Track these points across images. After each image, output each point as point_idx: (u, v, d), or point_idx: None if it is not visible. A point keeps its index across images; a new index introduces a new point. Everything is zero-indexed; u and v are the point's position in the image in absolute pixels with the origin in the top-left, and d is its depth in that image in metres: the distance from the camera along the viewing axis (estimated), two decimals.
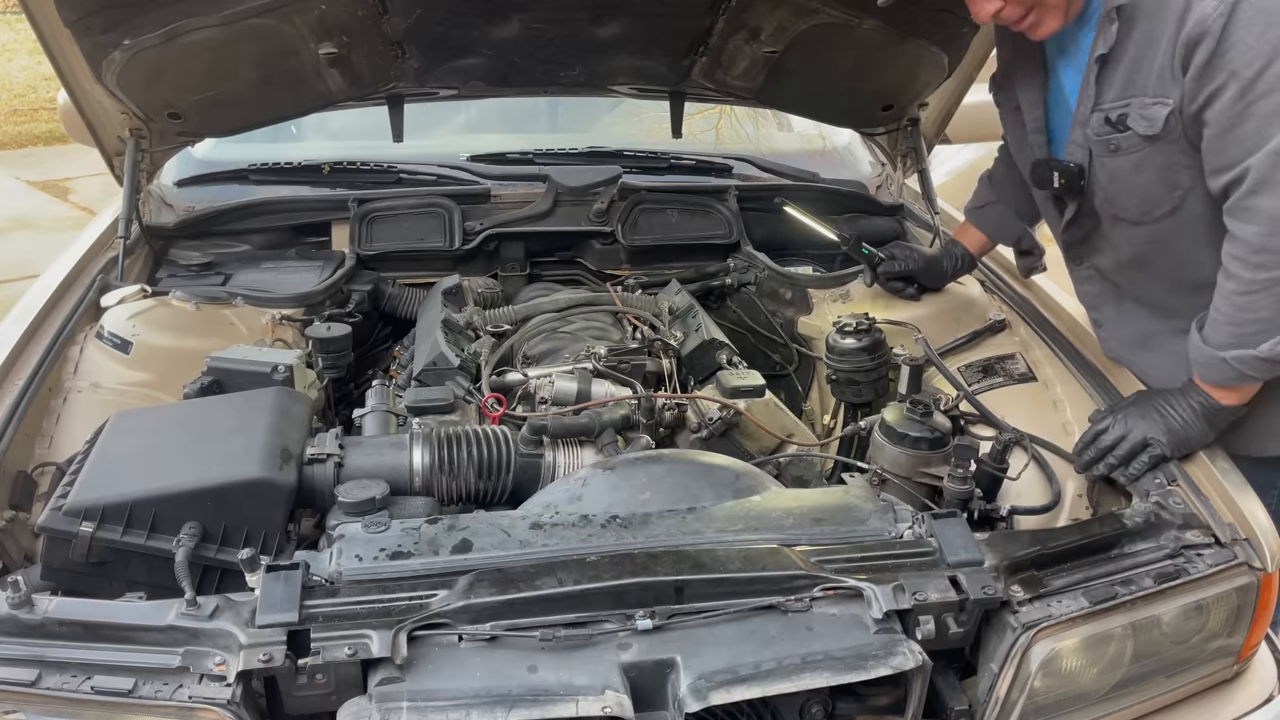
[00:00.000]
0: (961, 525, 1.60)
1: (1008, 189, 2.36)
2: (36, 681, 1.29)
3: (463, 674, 1.33)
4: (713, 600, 1.44)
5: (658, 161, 3.13)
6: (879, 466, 1.93)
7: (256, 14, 2.25)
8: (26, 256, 6.31)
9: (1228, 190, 1.69)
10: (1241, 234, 1.68)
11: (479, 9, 2.43)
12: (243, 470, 1.63)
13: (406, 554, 1.52)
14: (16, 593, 1.35)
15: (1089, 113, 1.82)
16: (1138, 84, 1.75)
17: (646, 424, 2.07)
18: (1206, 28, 1.60)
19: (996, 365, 2.24)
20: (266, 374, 2.01)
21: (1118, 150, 1.81)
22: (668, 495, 1.69)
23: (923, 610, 1.46)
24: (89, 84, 2.35)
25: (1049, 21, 1.80)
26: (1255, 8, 1.57)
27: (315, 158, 3.01)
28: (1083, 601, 1.53)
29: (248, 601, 1.39)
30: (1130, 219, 1.89)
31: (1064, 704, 1.57)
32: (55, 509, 1.58)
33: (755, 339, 2.75)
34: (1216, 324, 1.74)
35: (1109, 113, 1.79)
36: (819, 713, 1.49)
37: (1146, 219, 1.86)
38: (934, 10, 2.44)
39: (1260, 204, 1.64)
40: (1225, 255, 1.71)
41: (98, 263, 2.52)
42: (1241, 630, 1.68)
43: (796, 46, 2.60)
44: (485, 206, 2.88)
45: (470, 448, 1.86)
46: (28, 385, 1.92)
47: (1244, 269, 1.68)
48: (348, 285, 2.63)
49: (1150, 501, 1.74)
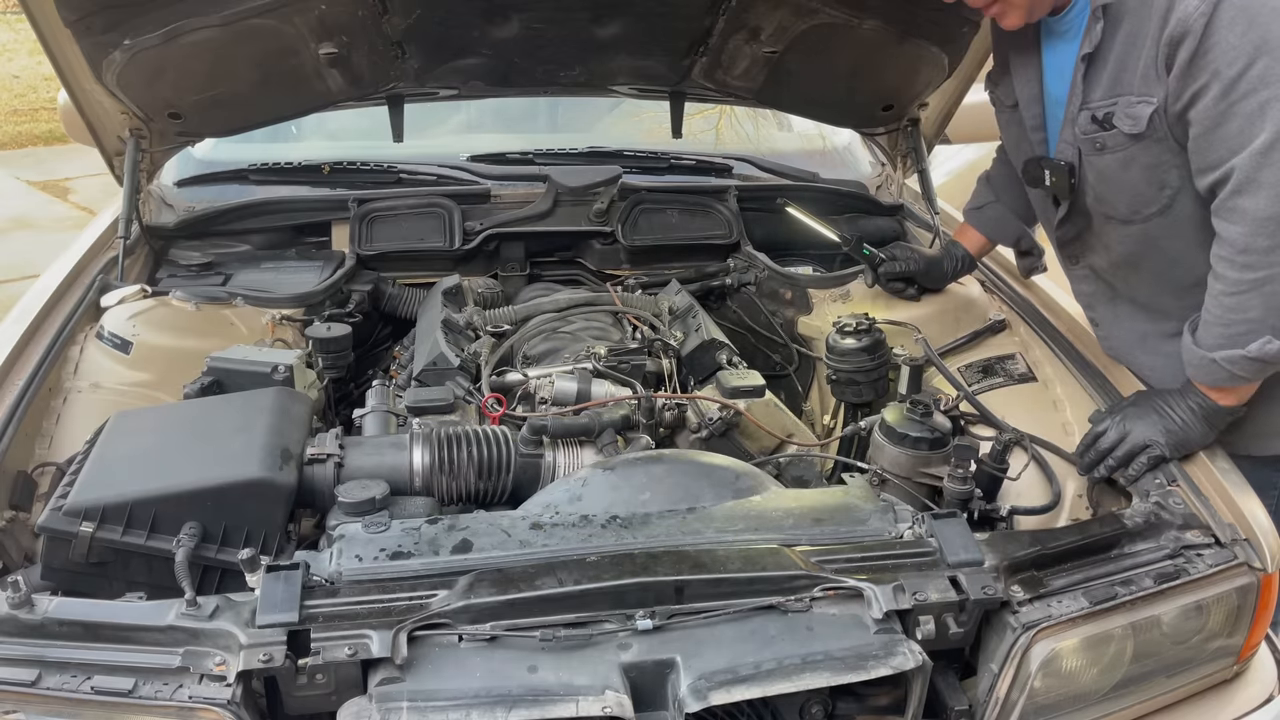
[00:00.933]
0: (961, 525, 1.60)
1: (1006, 189, 2.36)
2: (36, 681, 1.29)
3: (463, 674, 1.33)
4: (713, 600, 1.44)
5: (658, 161, 3.13)
6: (879, 466, 1.93)
7: (256, 14, 2.25)
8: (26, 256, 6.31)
9: (1214, 190, 1.70)
10: (1227, 234, 1.68)
11: (479, 9, 2.43)
12: (243, 470, 1.63)
13: (406, 554, 1.52)
14: (16, 593, 1.35)
15: (1077, 111, 1.83)
16: (1124, 83, 1.75)
17: (646, 424, 2.07)
18: (1188, 27, 1.61)
19: (996, 365, 2.24)
20: (266, 374, 2.01)
21: (1104, 149, 1.81)
22: (668, 495, 1.69)
23: (923, 610, 1.46)
24: (89, 84, 2.35)
25: (1011, 15, 1.83)
26: (1237, 7, 1.58)
27: (315, 158, 3.01)
28: (1083, 602, 1.53)
29: (248, 601, 1.39)
30: (1120, 218, 1.89)
31: (1064, 704, 1.57)
32: (55, 509, 1.58)
33: (755, 339, 2.75)
34: (1207, 325, 1.75)
35: (1095, 111, 1.80)
36: (819, 713, 1.49)
37: (1136, 218, 1.87)
38: (934, 10, 2.44)
39: (1244, 204, 1.64)
40: (1213, 256, 1.72)
41: (98, 263, 2.51)
42: (1241, 630, 1.68)
43: (796, 46, 2.60)
44: (485, 206, 2.88)
45: (470, 448, 1.86)
46: (28, 385, 1.92)
47: (1231, 269, 1.68)
48: (348, 285, 2.62)
49: (1150, 502, 1.74)
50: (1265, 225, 1.63)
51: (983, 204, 2.43)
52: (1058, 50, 1.91)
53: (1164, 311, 1.95)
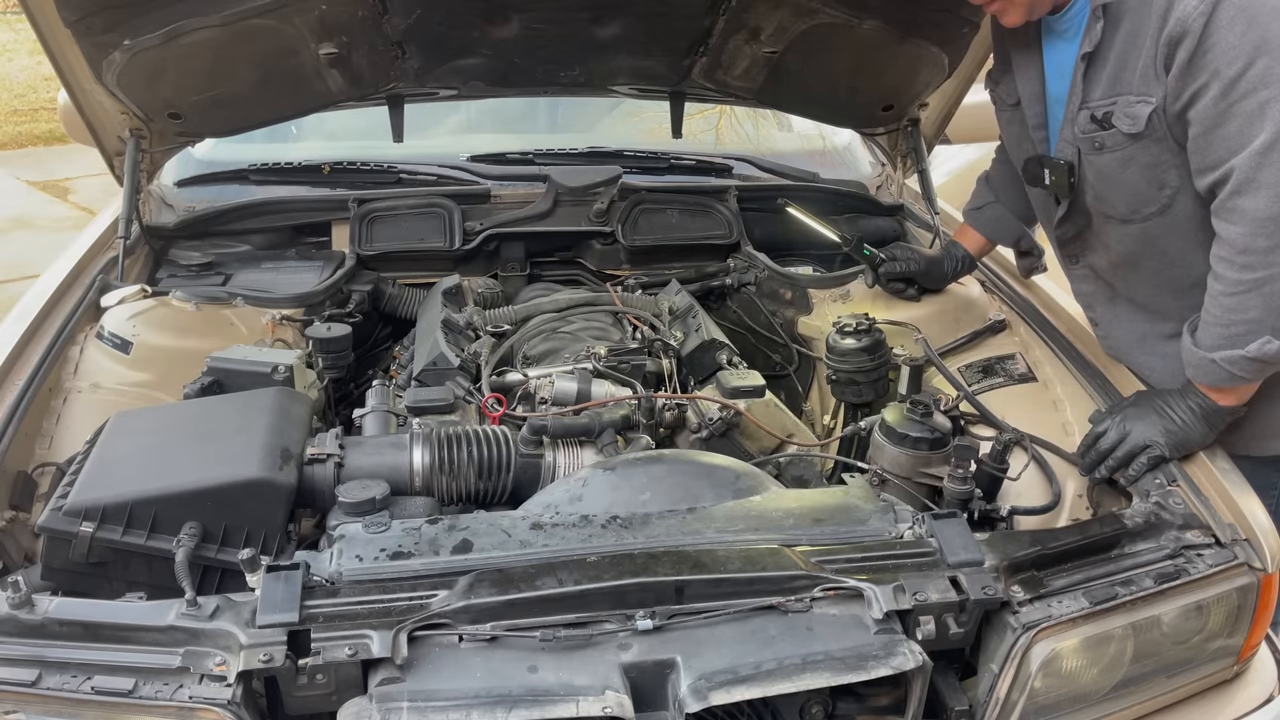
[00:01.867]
0: (961, 525, 1.60)
1: (1005, 190, 2.37)
2: (36, 682, 1.29)
3: (463, 674, 1.33)
4: (713, 600, 1.44)
5: (658, 161, 3.13)
6: (879, 467, 1.93)
7: (256, 14, 2.25)
8: (26, 256, 6.31)
9: (1214, 190, 1.70)
10: (1227, 235, 1.68)
11: (479, 9, 2.43)
12: (243, 470, 1.63)
13: (407, 554, 1.52)
14: (16, 593, 1.35)
15: (1076, 110, 1.83)
16: (1123, 82, 1.76)
17: (646, 424, 2.07)
18: (1187, 27, 1.61)
19: (996, 365, 2.24)
20: (266, 374, 2.01)
21: (1102, 148, 1.82)
22: (668, 495, 1.69)
23: (923, 610, 1.46)
24: (89, 84, 2.35)
25: (1012, 13, 1.83)
26: (1236, 7, 1.58)
27: (315, 158, 3.01)
28: (1083, 602, 1.53)
29: (248, 601, 1.39)
30: (1119, 217, 1.90)
31: (1064, 704, 1.57)
32: (55, 509, 1.58)
33: (755, 339, 2.75)
34: (1206, 326, 1.75)
35: (1095, 110, 1.81)
36: (819, 713, 1.49)
37: (1135, 217, 1.87)
38: (934, 10, 2.45)
39: (1244, 205, 1.64)
40: (1213, 256, 1.72)
41: (98, 263, 2.51)
42: (1241, 630, 1.68)
43: (796, 47, 2.60)
44: (485, 206, 2.88)
45: (470, 448, 1.86)
46: (28, 385, 1.92)
47: (1230, 269, 1.68)
48: (348, 285, 2.63)
49: (1150, 502, 1.74)
50: (1265, 226, 1.63)
51: (982, 204, 2.43)
52: (1058, 49, 1.91)
53: (1163, 312, 1.95)
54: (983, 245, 2.48)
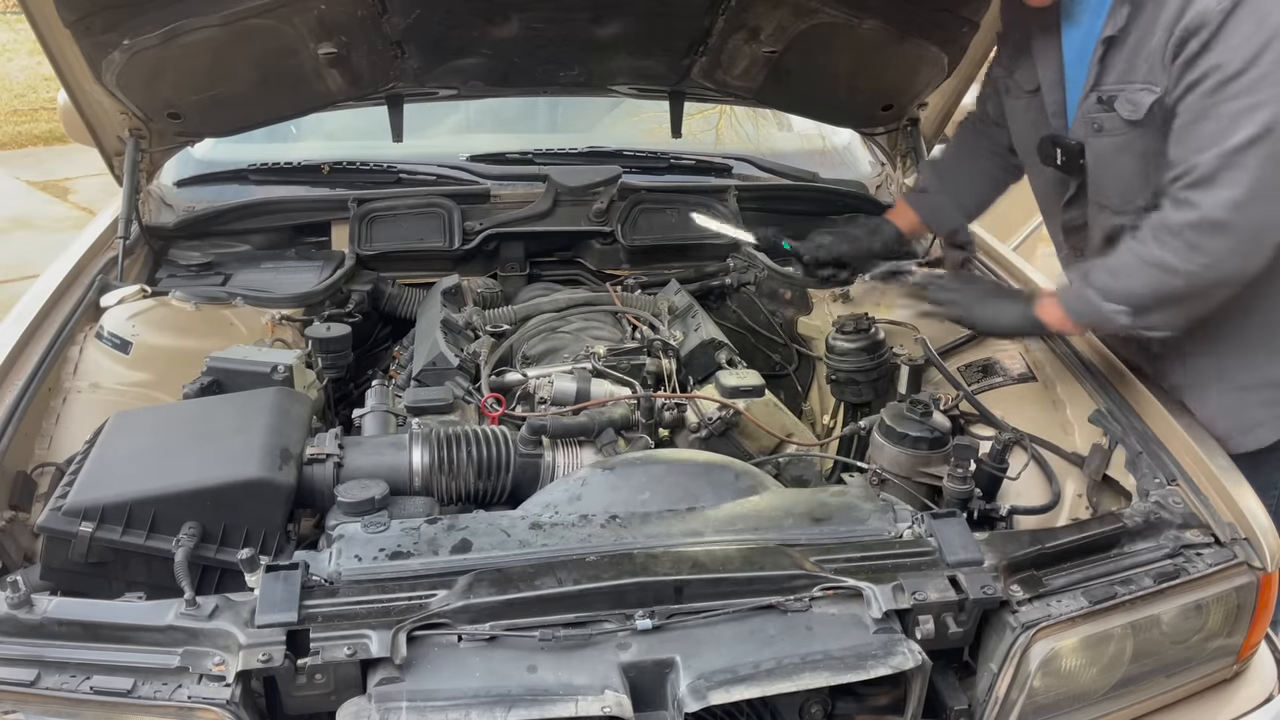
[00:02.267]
0: (961, 525, 1.60)
1: (955, 181, 2.39)
2: (36, 681, 1.29)
3: (462, 674, 1.33)
4: (712, 600, 1.44)
5: (657, 161, 3.13)
6: (879, 466, 1.93)
7: (256, 14, 2.25)
8: (26, 256, 6.31)
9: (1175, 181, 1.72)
10: (1169, 217, 1.73)
11: (479, 9, 2.43)
12: (242, 470, 1.63)
13: (406, 554, 1.52)
14: (16, 593, 1.35)
15: (1089, 92, 1.84)
16: (1136, 68, 1.76)
17: (646, 424, 2.07)
18: (1205, 20, 1.61)
19: (996, 365, 2.24)
20: (266, 374, 2.01)
21: (1101, 130, 1.83)
22: (667, 495, 1.69)
23: (922, 610, 1.46)
24: (89, 84, 2.35)
25: None
26: (1254, 9, 1.58)
27: (315, 158, 3.01)
28: (1082, 601, 1.53)
29: (247, 601, 1.39)
30: (1112, 208, 1.91)
31: (1063, 704, 1.57)
32: (55, 509, 1.58)
33: (755, 339, 2.75)
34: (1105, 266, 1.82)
35: (1103, 93, 1.81)
36: (818, 713, 1.49)
37: (1127, 208, 1.87)
38: (934, 10, 2.45)
39: (1196, 198, 1.67)
40: (1147, 221, 1.77)
41: (97, 263, 2.51)
42: (1241, 630, 1.68)
43: (796, 46, 2.60)
44: (485, 206, 2.88)
45: (470, 448, 1.86)
46: (28, 385, 1.92)
47: (1154, 243, 1.74)
48: (347, 285, 2.62)
49: (1150, 501, 1.74)
50: (1202, 225, 1.66)
51: (926, 189, 2.45)
52: (1072, 34, 1.91)
53: None
54: (916, 226, 2.50)
